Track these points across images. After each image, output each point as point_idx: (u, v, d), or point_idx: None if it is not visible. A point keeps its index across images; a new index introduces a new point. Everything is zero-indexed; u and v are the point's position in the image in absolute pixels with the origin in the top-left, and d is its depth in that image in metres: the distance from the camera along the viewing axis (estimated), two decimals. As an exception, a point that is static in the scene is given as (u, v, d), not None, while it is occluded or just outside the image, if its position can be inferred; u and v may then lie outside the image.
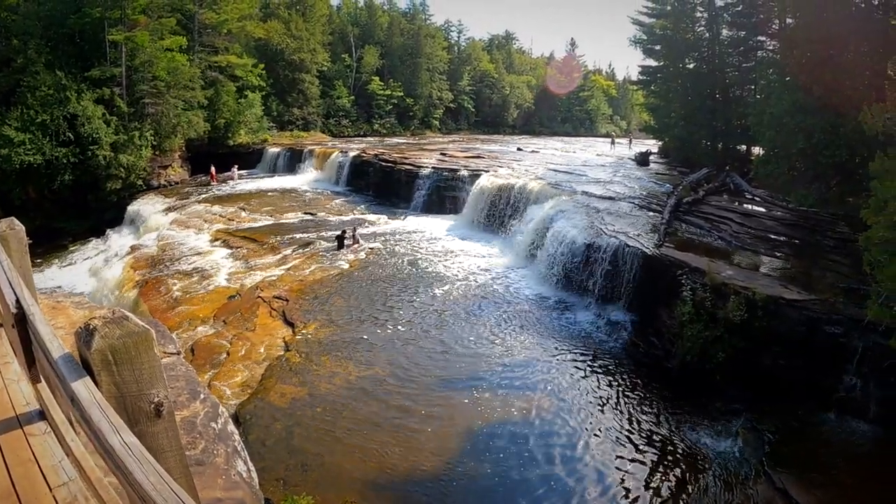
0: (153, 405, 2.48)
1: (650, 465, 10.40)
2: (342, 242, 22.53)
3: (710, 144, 33.47)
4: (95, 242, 28.56)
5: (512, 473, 9.98)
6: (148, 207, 30.36)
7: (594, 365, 13.97)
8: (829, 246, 16.45)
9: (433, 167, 31.78)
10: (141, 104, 33.49)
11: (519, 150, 43.97)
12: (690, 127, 33.26)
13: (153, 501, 1.78)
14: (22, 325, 3.17)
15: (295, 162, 41.96)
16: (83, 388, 2.26)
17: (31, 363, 3.43)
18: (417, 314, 16.55)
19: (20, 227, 4.96)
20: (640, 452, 10.73)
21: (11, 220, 5.03)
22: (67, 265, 25.74)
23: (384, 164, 34.43)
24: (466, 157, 36.25)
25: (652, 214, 20.42)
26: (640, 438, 11.16)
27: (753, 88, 31.08)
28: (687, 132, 33.78)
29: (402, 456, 10.22)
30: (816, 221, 18.44)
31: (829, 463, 10.14)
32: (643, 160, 36.15)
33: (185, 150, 38.82)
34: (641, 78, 41.79)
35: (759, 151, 26.81)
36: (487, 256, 22.36)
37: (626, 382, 13.23)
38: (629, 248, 16.57)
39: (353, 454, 10.22)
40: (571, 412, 11.93)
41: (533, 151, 43.30)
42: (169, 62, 34.35)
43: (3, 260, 4.14)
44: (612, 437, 11.19)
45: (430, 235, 25.44)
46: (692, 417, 11.85)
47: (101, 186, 31.42)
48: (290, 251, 22.07)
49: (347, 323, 15.72)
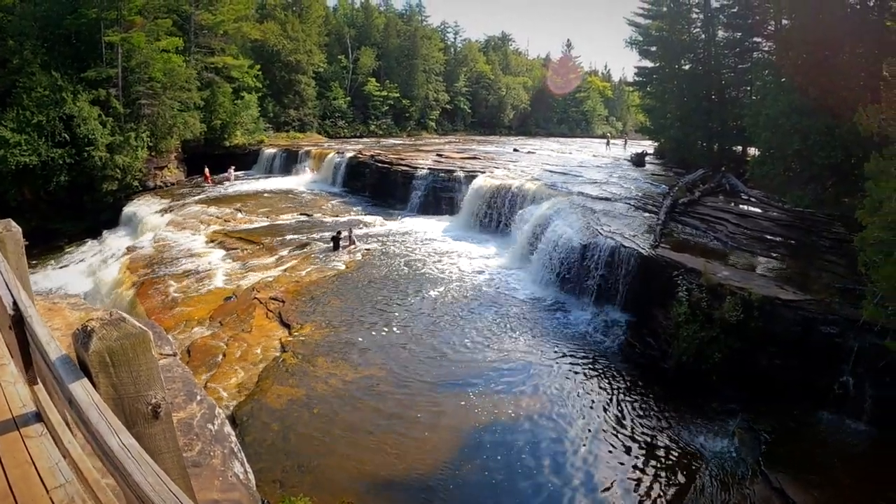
0: (151, 407, 2.48)
1: (646, 465, 10.41)
2: (337, 243, 22.52)
3: (705, 145, 33.57)
4: (91, 244, 28.49)
5: (508, 474, 9.98)
6: (144, 208, 30.29)
7: (590, 366, 13.99)
8: (824, 246, 16.50)
9: (429, 168, 31.78)
10: (137, 105, 33.40)
11: (515, 150, 43.99)
12: (686, 128, 33.35)
13: (151, 502, 1.79)
14: (19, 326, 3.16)
15: (291, 163, 41.91)
16: (81, 389, 2.26)
17: (28, 365, 3.42)
18: (413, 315, 16.55)
19: (17, 228, 4.95)
20: (636, 453, 10.75)
21: (8, 221, 5.01)
22: (63, 266, 25.67)
23: (380, 165, 34.42)
24: (463, 158, 36.27)
25: (648, 215, 20.46)
26: (636, 439, 11.17)
27: (749, 90, 31.21)
28: (683, 133, 33.88)
29: (398, 457, 10.22)
30: (812, 222, 18.51)
31: (825, 462, 10.18)
32: (639, 161, 36.21)
33: (181, 151, 38.73)
34: (637, 79, 41.92)
35: (754, 152, 26.88)
36: (483, 257, 22.36)
37: (622, 383, 13.25)
38: (625, 248, 16.60)
39: (349, 455, 10.21)
40: (567, 413, 11.94)
41: (529, 152, 43.32)
42: (165, 63, 34.30)
43: (-1, 262, 4.13)
44: (608, 437, 11.20)
45: (426, 236, 25.44)
46: (688, 418, 11.87)
47: (96, 187, 31.33)
48: (286, 252, 22.05)
49: (343, 324, 15.71)
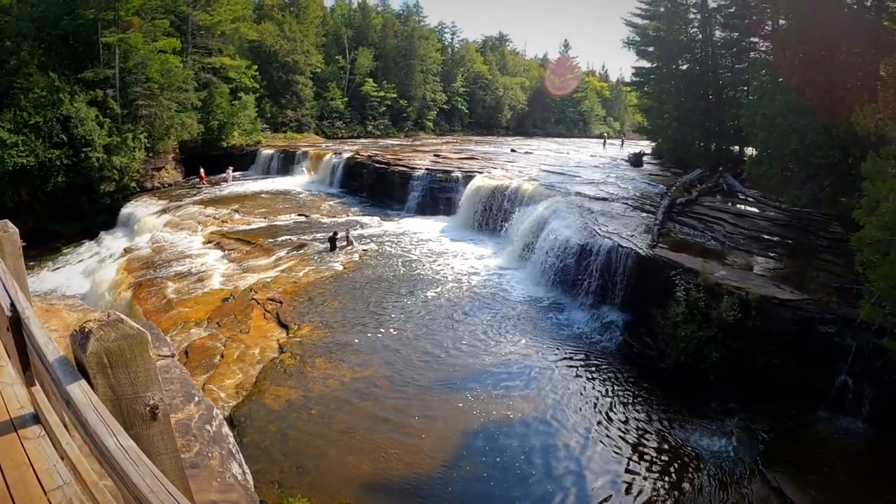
0: (148, 408, 2.48)
1: (645, 465, 10.42)
2: (334, 244, 22.51)
3: (703, 145, 33.58)
4: (89, 245, 28.46)
5: (506, 475, 9.99)
6: (141, 209, 30.24)
7: (588, 366, 14.01)
8: (821, 246, 16.53)
9: (427, 168, 31.75)
10: (134, 106, 33.38)
11: (512, 151, 43.96)
12: (684, 128, 33.36)
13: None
14: (17, 328, 3.15)
15: (289, 164, 41.85)
16: (79, 390, 2.25)
17: (25, 366, 3.41)
18: (411, 316, 16.55)
19: (14, 229, 4.93)
20: (634, 453, 10.76)
21: (5, 222, 5.00)
22: (61, 268, 25.64)
23: (378, 165, 34.40)
24: (460, 158, 36.26)
25: (645, 215, 20.47)
26: (634, 439, 11.19)
27: (746, 89, 31.22)
28: (680, 133, 33.89)
29: (396, 458, 10.22)
30: (809, 221, 18.54)
31: (823, 462, 10.20)
32: (637, 161, 36.21)
33: (178, 151, 38.72)
34: (635, 79, 41.90)
35: (752, 152, 26.93)
36: (481, 257, 22.37)
37: (619, 383, 13.27)
38: (623, 248, 16.60)
39: (347, 456, 10.21)
40: (565, 413, 11.95)
41: (526, 153, 43.30)
42: (162, 64, 34.30)
43: (-4, 263, 4.12)
44: (605, 438, 11.22)
45: (423, 237, 25.44)
46: (686, 417, 11.90)
47: (94, 188, 31.31)
48: (283, 253, 22.03)
49: (341, 325, 15.70)
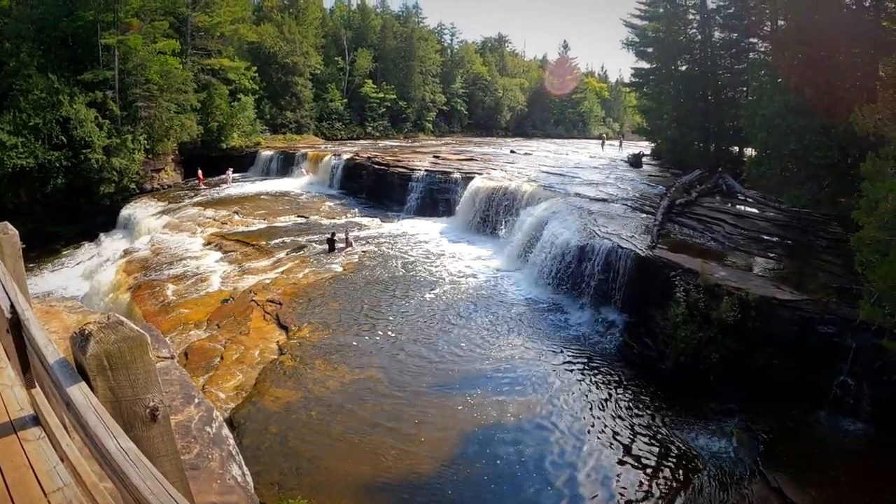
0: (148, 410, 2.47)
1: (645, 466, 10.42)
2: (333, 245, 22.51)
3: (702, 146, 33.62)
4: (88, 246, 28.45)
5: (506, 476, 9.98)
6: (141, 211, 30.23)
7: (588, 367, 14.01)
8: (821, 246, 16.54)
9: (426, 170, 31.78)
10: (134, 107, 33.40)
11: (512, 152, 43.97)
12: (683, 129, 33.40)
13: (150, 506, 1.78)
14: (16, 329, 3.15)
15: (288, 165, 41.89)
16: (79, 392, 2.25)
17: (25, 368, 3.41)
18: (411, 317, 16.55)
19: (13, 231, 4.93)
20: (634, 454, 10.76)
21: (5, 224, 5.00)
22: (60, 269, 25.63)
23: (377, 166, 34.43)
24: (459, 159, 36.28)
25: (645, 216, 20.47)
26: (634, 440, 11.18)
27: (745, 90, 31.27)
28: (679, 134, 33.92)
29: (396, 459, 10.21)
30: (808, 222, 18.55)
31: (823, 462, 10.21)
32: (636, 162, 36.23)
33: (177, 153, 38.71)
34: (634, 80, 41.93)
35: (751, 153, 26.98)
36: (480, 259, 22.37)
37: (619, 384, 13.27)
38: (622, 249, 16.61)
39: (347, 458, 10.21)
40: (565, 414, 11.95)
41: (526, 154, 43.30)
42: (162, 65, 34.32)
43: (-4, 265, 4.12)
44: (605, 438, 11.21)
45: (423, 238, 25.44)
46: (686, 418, 11.89)
47: (93, 190, 31.31)
48: (283, 254, 22.03)
49: (341, 326, 15.70)
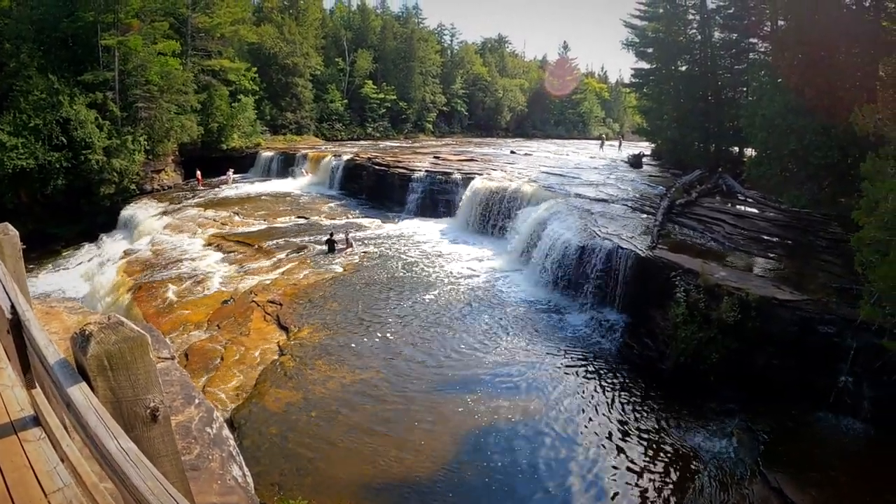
0: (149, 410, 2.47)
1: (645, 466, 10.42)
2: (333, 246, 22.51)
3: (702, 146, 33.60)
4: (88, 247, 28.48)
5: (506, 477, 9.98)
6: (141, 212, 30.24)
7: (588, 367, 14.00)
8: (821, 246, 16.54)
9: (426, 170, 31.79)
10: (134, 108, 33.42)
11: (512, 153, 43.98)
12: (683, 129, 33.39)
13: (150, 506, 1.78)
14: (17, 330, 3.15)
15: (288, 166, 41.89)
16: (79, 393, 2.25)
17: (26, 369, 3.41)
18: (411, 318, 16.54)
19: (14, 232, 4.93)
20: (634, 454, 10.76)
21: (5, 225, 5.00)
22: (60, 270, 25.63)
23: (377, 167, 34.44)
24: (460, 160, 36.29)
25: (645, 216, 20.47)
26: (634, 440, 11.19)
27: (745, 90, 31.26)
28: (679, 134, 33.91)
29: (396, 460, 10.21)
30: (808, 222, 18.55)
31: (823, 462, 10.20)
32: (636, 162, 36.23)
33: (178, 154, 38.75)
34: (634, 80, 41.88)
35: (751, 153, 26.97)
36: (481, 259, 22.37)
37: (619, 384, 13.26)
38: (622, 250, 16.61)
39: (348, 458, 10.21)
40: (565, 415, 11.95)
41: (526, 154, 43.31)
42: (162, 66, 34.34)
43: (-4, 265, 4.13)
44: (606, 439, 11.21)
45: (423, 239, 25.44)
46: (686, 418, 11.89)
47: (94, 191, 31.33)
48: (283, 255, 22.03)
49: (341, 327, 15.70)
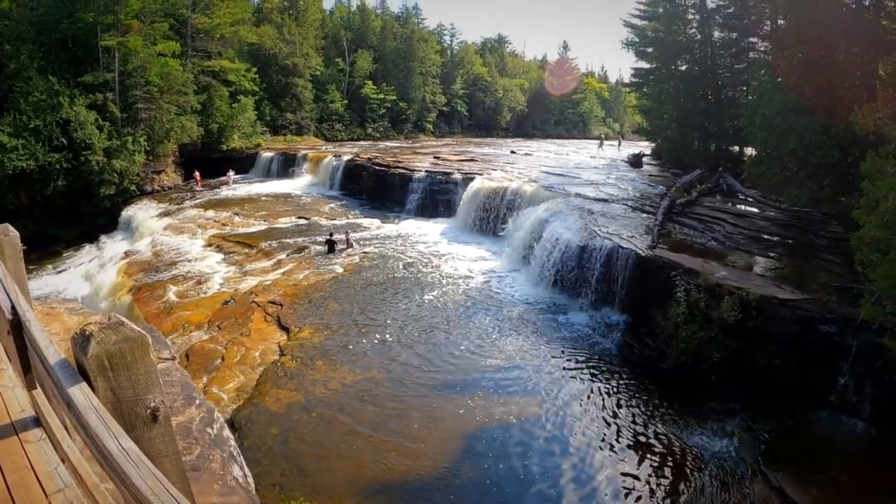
0: (149, 410, 2.48)
1: (646, 466, 10.42)
2: (333, 247, 22.52)
3: (702, 146, 33.57)
4: (89, 248, 28.50)
5: (507, 476, 9.98)
6: (141, 213, 30.26)
7: (588, 367, 14.00)
8: (821, 245, 16.53)
9: (427, 171, 31.78)
10: (134, 109, 33.44)
11: (512, 153, 43.99)
12: (683, 128, 33.37)
13: (151, 506, 1.79)
14: (17, 331, 3.16)
15: (288, 166, 41.93)
16: (80, 393, 2.26)
17: (26, 369, 3.41)
18: (412, 318, 16.54)
19: (14, 233, 4.93)
20: (635, 454, 10.76)
21: (6, 226, 5.00)
22: (61, 271, 25.65)
23: (378, 167, 34.45)
24: (460, 160, 36.28)
25: (645, 216, 20.46)
26: (635, 439, 11.18)
27: (745, 90, 31.23)
28: (679, 134, 33.89)
29: (397, 460, 10.21)
30: (809, 221, 18.53)
31: (824, 461, 10.19)
32: (636, 162, 36.23)
33: (178, 155, 38.78)
34: (634, 80, 41.89)
35: (751, 152, 26.93)
36: (481, 259, 22.37)
37: (620, 384, 13.26)
38: (623, 249, 16.60)
39: (349, 458, 10.21)
40: (566, 415, 11.95)
41: (526, 154, 43.32)
42: (162, 67, 34.37)
43: (-3, 266, 4.13)
44: (606, 438, 11.21)
45: (423, 239, 25.44)
46: (687, 418, 11.89)
47: (94, 192, 31.36)
48: (284, 256, 22.04)
49: (342, 327, 15.70)
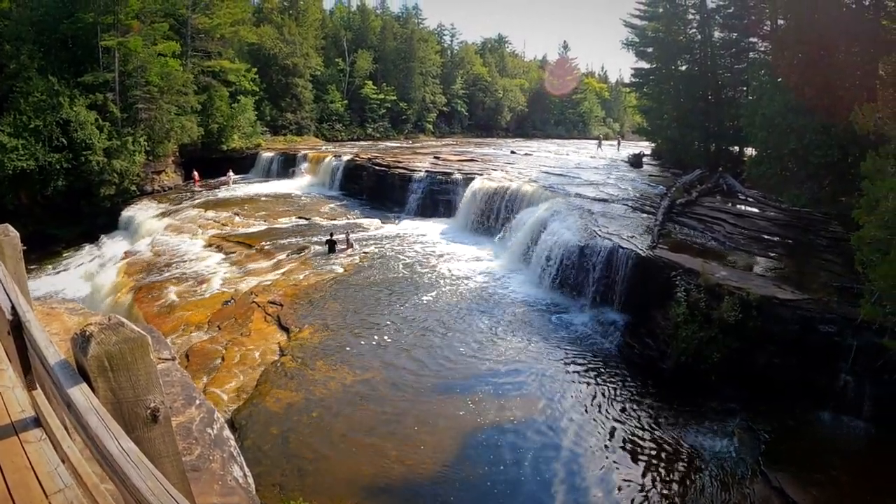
0: (149, 411, 2.47)
1: (646, 466, 10.42)
2: (333, 247, 22.51)
3: (702, 146, 33.58)
4: (89, 248, 28.48)
5: (507, 477, 9.98)
6: (141, 213, 30.26)
7: (589, 367, 14.00)
8: (821, 245, 16.55)
9: (427, 171, 31.78)
10: (134, 109, 33.44)
11: (512, 153, 43.99)
12: (683, 128, 33.37)
13: (151, 507, 1.78)
14: (18, 332, 3.15)
15: (289, 166, 41.93)
16: (80, 394, 2.25)
17: (26, 370, 3.41)
18: (412, 318, 16.54)
19: (14, 233, 4.92)
20: (635, 453, 10.76)
21: (6, 226, 4.99)
22: (61, 271, 25.65)
23: (378, 168, 34.45)
24: (460, 160, 36.28)
25: (645, 216, 20.47)
26: (635, 439, 11.18)
27: (745, 90, 31.24)
28: (679, 134, 33.90)
29: (397, 460, 10.21)
30: (809, 221, 18.55)
31: (824, 461, 10.20)
32: (636, 162, 36.25)
33: (178, 155, 38.75)
34: (634, 80, 41.91)
35: (751, 152, 26.94)
36: (481, 259, 22.37)
37: (620, 384, 13.26)
38: (623, 249, 16.60)
39: (348, 459, 10.21)
40: (565, 415, 11.95)
41: (526, 154, 43.32)
42: (162, 67, 34.37)
43: (-3, 267, 4.12)
44: (606, 439, 11.21)
45: (423, 239, 25.44)
46: (688, 418, 11.88)
47: (94, 192, 31.34)
48: (284, 256, 22.03)
49: (342, 327, 15.70)
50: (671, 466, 10.42)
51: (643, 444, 11.05)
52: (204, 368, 13.31)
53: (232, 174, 39.45)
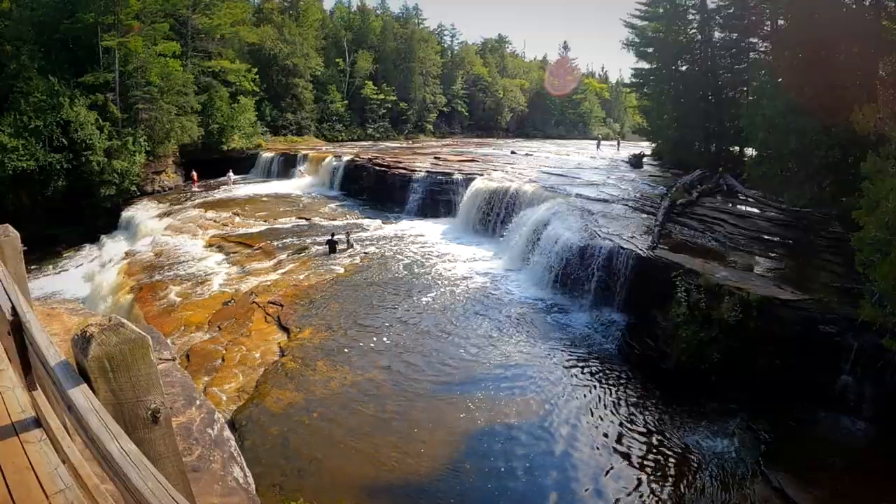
0: (150, 412, 2.47)
1: (646, 466, 10.42)
2: (333, 247, 22.51)
3: (703, 146, 33.52)
4: (89, 249, 28.51)
5: (508, 477, 9.98)
6: (142, 213, 30.30)
7: (589, 367, 13.99)
8: (822, 246, 16.53)
9: (427, 171, 31.80)
10: (134, 110, 33.49)
11: (513, 153, 43.95)
12: (683, 129, 33.35)
13: (151, 507, 1.78)
14: (18, 332, 3.15)
15: (289, 167, 41.97)
16: (80, 395, 2.25)
17: (27, 370, 3.41)
18: (412, 319, 16.54)
19: (15, 233, 4.92)
20: (636, 454, 10.75)
21: (6, 226, 4.99)
22: (62, 272, 25.66)
23: (378, 168, 34.46)
24: (460, 160, 36.28)
25: (646, 216, 20.47)
26: (635, 440, 11.18)
27: (746, 90, 31.19)
28: (680, 134, 33.87)
29: (398, 460, 10.21)
30: (809, 221, 18.53)
31: (825, 461, 10.20)
32: (636, 162, 36.20)
33: (178, 155, 38.79)
34: (634, 80, 41.82)
35: (751, 153, 26.89)
36: (482, 260, 22.37)
37: (621, 384, 13.25)
38: (623, 250, 16.61)
39: (349, 459, 10.21)
40: (566, 415, 11.94)
41: (527, 154, 43.28)
42: (162, 67, 34.42)
43: (-3, 267, 4.12)
44: (607, 439, 11.21)
45: (424, 239, 25.44)
46: (688, 418, 11.88)
47: (94, 192, 31.38)
48: (284, 256, 22.04)
49: (342, 328, 15.70)
50: (672, 466, 10.42)
51: (643, 444, 11.05)
52: (204, 369, 13.32)
53: (232, 174, 39.47)
